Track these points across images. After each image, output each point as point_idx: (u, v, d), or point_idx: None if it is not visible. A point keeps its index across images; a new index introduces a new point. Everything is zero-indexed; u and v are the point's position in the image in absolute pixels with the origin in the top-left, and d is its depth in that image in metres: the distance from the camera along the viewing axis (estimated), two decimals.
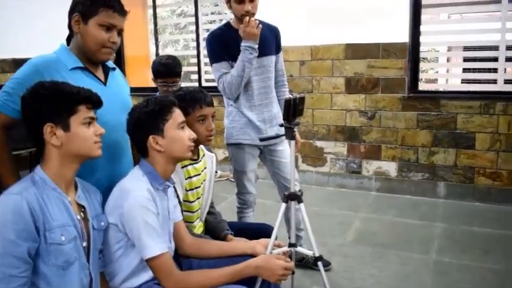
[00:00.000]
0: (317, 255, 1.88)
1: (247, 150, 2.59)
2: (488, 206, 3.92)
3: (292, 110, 1.77)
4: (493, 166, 3.93)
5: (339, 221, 3.69)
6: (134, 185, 1.59)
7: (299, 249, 1.98)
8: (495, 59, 4.00)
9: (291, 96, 1.78)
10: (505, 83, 3.99)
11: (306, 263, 2.86)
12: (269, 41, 2.60)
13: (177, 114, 1.67)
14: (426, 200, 4.11)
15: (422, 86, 4.23)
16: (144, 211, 1.53)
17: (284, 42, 2.75)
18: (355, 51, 4.21)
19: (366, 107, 4.24)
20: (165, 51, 7.16)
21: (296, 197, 1.95)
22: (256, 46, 2.42)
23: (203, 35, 5.04)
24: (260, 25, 2.43)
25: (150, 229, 1.52)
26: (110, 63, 1.83)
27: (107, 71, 1.79)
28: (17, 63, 3.68)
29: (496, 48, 3.99)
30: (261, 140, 2.26)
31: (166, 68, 2.82)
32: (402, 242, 3.30)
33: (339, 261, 2.99)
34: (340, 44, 4.25)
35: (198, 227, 2.08)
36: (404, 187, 4.23)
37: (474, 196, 4.00)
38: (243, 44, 2.42)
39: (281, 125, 1.84)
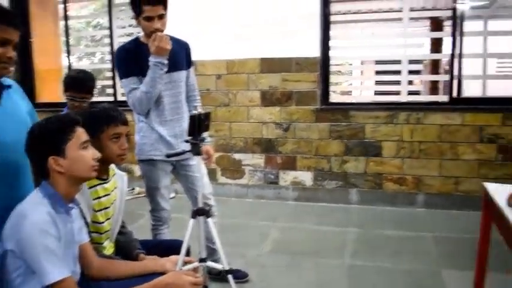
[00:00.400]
0: (227, 268, 1.90)
1: (159, 166, 2.56)
2: (396, 210, 4.18)
3: (198, 125, 1.78)
4: (399, 172, 4.20)
5: (258, 232, 3.74)
6: (33, 208, 1.51)
7: (209, 263, 1.99)
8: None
9: (195, 112, 1.79)
10: (409, 94, 4.31)
11: (224, 277, 2.86)
12: (179, 56, 2.60)
13: (80, 133, 1.62)
14: (340, 207, 4.29)
15: (334, 98, 4.44)
16: (43, 235, 1.46)
17: (200, 56, 2.79)
18: (269, 65, 4.33)
19: (281, 119, 4.37)
20: (79, 64, 6.91)
21: (204, 212, 1.95)
22: (166, 62, 2.42)
23: None
24: (170, 41, 2.43)
25: (50, 253, 1.46)
26: (6, 81, 1.74)
27: (1, 89, 1.70)
28: None
29: (399, 62, 4.30)
30: (168, 156, 2.25)
31: (75, 82, 2.73)
32: (318, 249, 3.41)
33: (256, 272, 3.02)
34: (255, 58, 4.35)
35: (108, 247, 2.02)
36: (319, 195, 4.39)
37: (384, 201, 4.24)
38: (152, 59, 2.40)
39: (186, 141, 1.85)
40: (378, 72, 5.47)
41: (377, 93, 5.32)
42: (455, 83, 4.13)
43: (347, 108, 4.27)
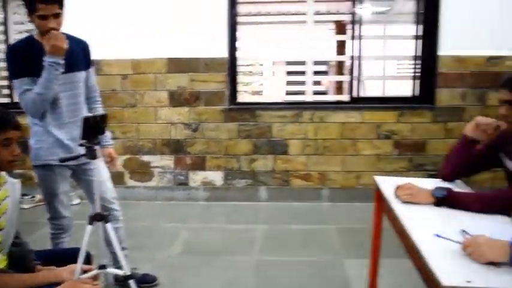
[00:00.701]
0: (128, 273, 1.87)
1: (56, 171, 2.44)
2: (303, 204, 4.34)
3: (93, 128, 1.72)
4: (305, 168, 4.37)
5: (167, 234, 3.70)
6: None
7: (109, 270, 1.93)
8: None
9: (89, 114, 1.73)
10: (317, 94, 4.49)
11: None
12: (77, 55, 2.49)
13: None
14: (250, 205, 4.37)
15: (242, 99, 4.51)
16: None
17: (105, 55, 2.67)
18: (177, 65, 4.29)
19: (190, 120, 4.35)
20: None
21: (102, 217, 1.89)
22: (63, 62, 2.30)
23: None
24: (67, 40, 2.32)
25: None
26: None
27: None
28: None
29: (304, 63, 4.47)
30: (62, 160, 2.14)
31: None
32: (228, 247, 3.45)
33: (166, 274, 2.99)
34: (162, 58, 4.29)
35: (1, 261, 1.89)
36: (230, 194, 4.44)
37: (291, 196, 4.39)
38: (47, 59, 2.27)
39: (81, 145, 1.78)
40: (289, 73, 5.66)
41: (288, 93, 5.49)
42: (355, 83, 4.37)
43: (254, 108, 4.35)
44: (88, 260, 1.94)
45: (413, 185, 1.91)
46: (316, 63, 4.60)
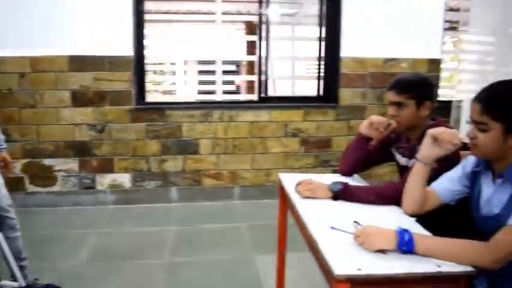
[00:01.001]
0: (23, 285, 1.76)
1: None
2: (215, 204, 4.36)
3: None
4: (216, 168, 4.39)
5: (73, 241, 3.52)
6: None
7: (3, 282, 1.81)
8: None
9: None
10: (230, 93, 4.51)
11: None
12: None
13: None
14: (161, 206, 4.30)
15: (151, 98, 4.41)
16: None
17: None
18: (80, 63, 4.09)
19: (95, 121, 4.17)
20: None
21: None
22: None
23: None
24: None
25: None
26: None
27: None
28: None
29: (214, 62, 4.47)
30: None
31: None
32: (138, 251, 3.37)
33: (72, 283, 2.84)
34: (64, 55, 4.06)
35: None
36: (139, 196, 4.33)
37: (203, 196, 4.39)
38: None
39: None
40: (200, 72, 5.61)
41: (200, 92, 5.45)
42: (263, 83, 4.47)
43: (163, 107, 4.28)
44: None
45: (313, 180, 2.00)
46: (228, 62, 4.64)
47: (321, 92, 4.57)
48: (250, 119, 4.36)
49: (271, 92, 4.62)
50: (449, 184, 1.70)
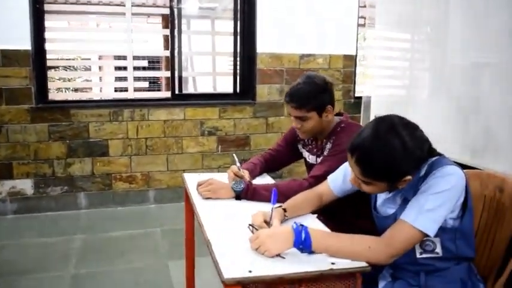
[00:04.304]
0: None
1: None
2: (128, 209, 4.11)
3: None
4: (128, 170, 4.13)
5: None
6: None
7: None
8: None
9: None
10: (148, 90, 4.26)
11: None
12: None
13: None
14: (67, 214, 3.97)
15: (55, 96, 4.07)
16: None
17: None
18: None
19: None
20: None
21: None
22: None
23: None
24: None
25: None
26: None
27: None
28: None
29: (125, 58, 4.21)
30: None
31: None
32: (39, 264, 3.06)
33: None
34: None
35: None
36: (43, 204, 3.97)
37: (114, 201, 4.12)
38: None
39: None
40: (117, 68, 5.28)
41: (117, 90, 5.14)
42: (177, 79, 4.27)
43: (68, 106, 3.95)
44: None
45: (215, 180, 1.88)
46: (143, 58, 4.40)
47: (238, 89, 4.46)
48: (164, 118, 4.15)
49: (191, 89, 4.43)
50: (342, 181, 1.69)
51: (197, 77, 7.26)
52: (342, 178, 1.69)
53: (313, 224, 1.54)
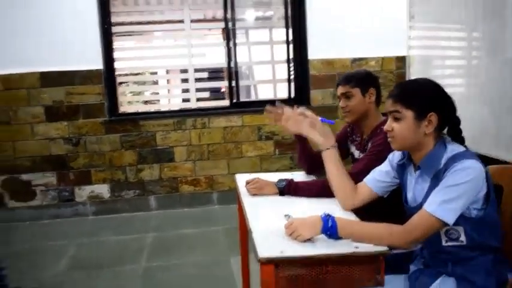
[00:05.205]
0: None
1: None
2: (193, 210, 4.43)
3: None
4: (192, 174, 4.46)
5: (54, 252, 3.59)
6: None
7: None
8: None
9: None
10: (198, 100, 4.59)
11: None
12: None
13: None
14: (140, 215, 4.37)
15: (124, 109, 4.47)
16: None
17: None
18: (50, 79, 4.17)
19: (70, 134, 4.25)
20: None
21: None
22: None
23: None
24: None
25: None
26: None
27: None
28: None
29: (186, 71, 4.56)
30: None
31: None
32: (116, 258, 3.44)
33: None
34: (34, 72, 4.14)
35: None
36: (119, 206, 4.40)
37: (181, 203, 4.46)
38: None
39: None
40: (183, 81, 5.65)
41: (184, 100, 5.51)
42: (234, 89, 4.55)
43: (137, 118, 4.36)
44: None
45: (260, 179, 2.11)
46: (204, 70, 4.71)
47: (292, 94, 4.66)
48: (223, 125, 4.44)
49: (253, 97, 4.65)
50: (379, 177, 1.79)
51: (258, 85, 7.53)
52: (377, 175, 1.79)
53: (343, 215, 1.70)
